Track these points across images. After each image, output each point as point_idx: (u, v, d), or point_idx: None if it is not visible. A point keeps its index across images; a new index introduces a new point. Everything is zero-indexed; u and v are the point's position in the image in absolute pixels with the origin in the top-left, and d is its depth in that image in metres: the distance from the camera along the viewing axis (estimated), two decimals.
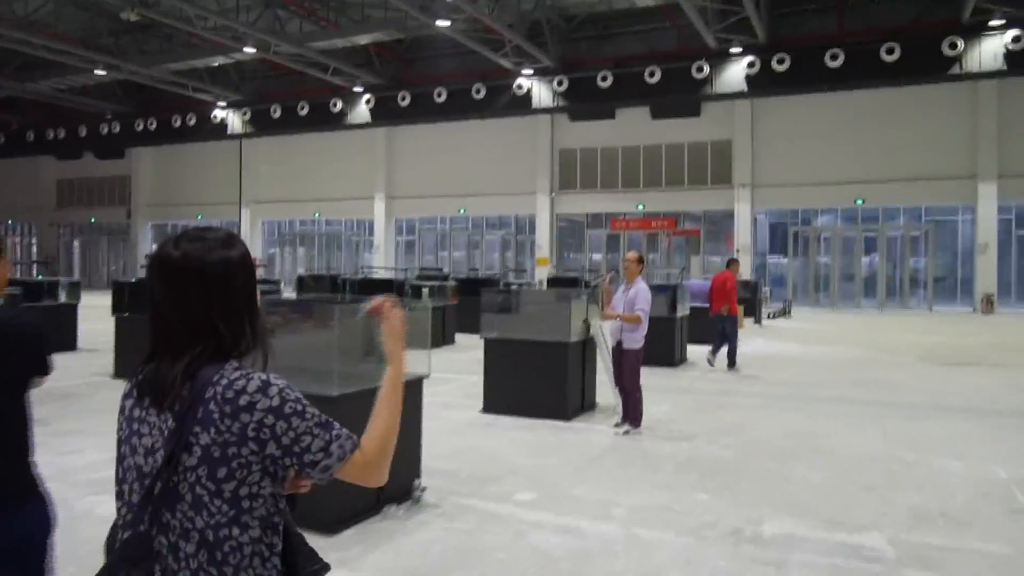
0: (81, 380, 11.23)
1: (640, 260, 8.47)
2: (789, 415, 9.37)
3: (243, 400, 1.53)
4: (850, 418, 9.20)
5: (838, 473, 6.81)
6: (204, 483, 1.52)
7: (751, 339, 16.85)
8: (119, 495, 1.64)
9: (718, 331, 13.30)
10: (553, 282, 20.29)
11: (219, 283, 1.62)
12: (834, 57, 24.03)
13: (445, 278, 20.07)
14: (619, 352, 8.34)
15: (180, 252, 1.62)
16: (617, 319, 8.19)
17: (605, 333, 9.35)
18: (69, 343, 14.32)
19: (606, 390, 9.36)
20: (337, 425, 1.64)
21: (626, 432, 8.22)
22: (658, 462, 7.13)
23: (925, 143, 26.71)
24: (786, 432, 8.40)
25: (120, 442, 1.66)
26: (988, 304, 26.05)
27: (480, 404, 9.32)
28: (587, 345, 9.36)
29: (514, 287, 17.96)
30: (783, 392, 11.00)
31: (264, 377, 1.58)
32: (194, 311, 1.61)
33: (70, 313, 14.78)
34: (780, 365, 13.78)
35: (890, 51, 23.36)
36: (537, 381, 8.93)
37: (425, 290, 15.60)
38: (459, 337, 15.94)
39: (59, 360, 3.07)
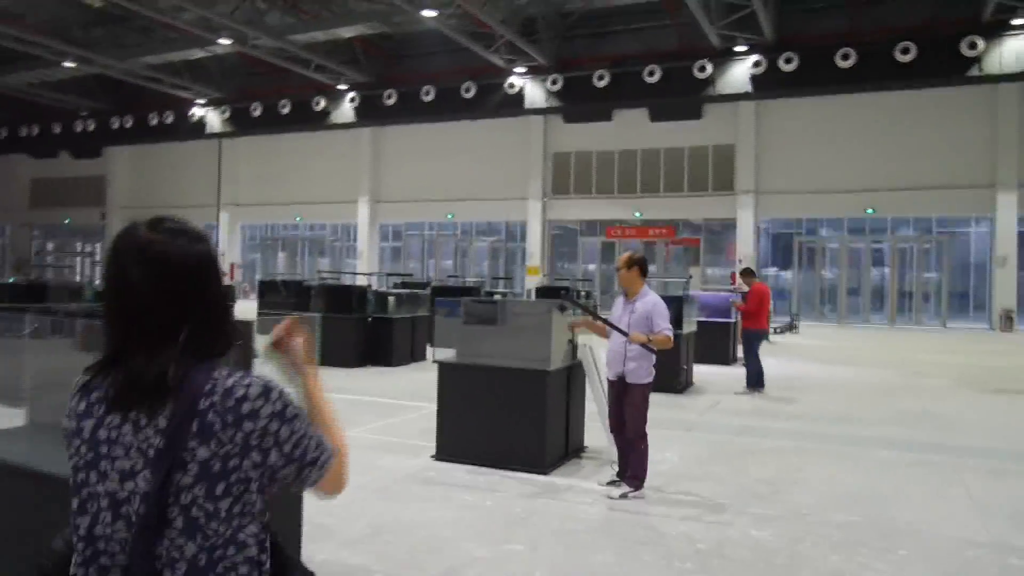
0: None
1: (636, 263, 6.07)
2: (836, 467, 7.00)
3: (246, 408, 1.41)
4: (917, 472, 6.84)
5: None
6: (201, 504, 1.38)
7: (762, 358, 14.48)
8: (75, 529, 1.43)
9: (753, 352, 10.97)
10: (542, 292, 17.86)
11: (202, 277, 1.48)
12: (845, 57, 21.88)
13: (424, 286, 17.72)
14: (619, 388, 5.97)
15: (161, 240, 1.44)
16: (625, 340, 5.79)
17: (598, 358, 7.00)
18: None
19: (598, 429, 7.01)
20: None
21: (624, 495, 5.84)
22: (672, 552, 4.76)
23: (940, 150, 24.42)
24: (841, 496, 6.04)
25: (77, 469, 1.44)
26: (1007, 321, 23.73)
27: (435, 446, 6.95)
28: (573, 373, 7.00)
29: (496, 297, 15.63)
30: (819, 431, 8.62)
31: (262, 380, 1.45)
32: (175, 306, 1.44)
33: None
34: (804, 391, 11.42)
35: (905, 51, 21.26)
36: (507, 420, 6.56)
37: (391, 299, 13.22)
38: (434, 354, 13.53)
39: None
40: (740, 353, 14.46)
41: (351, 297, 12.71)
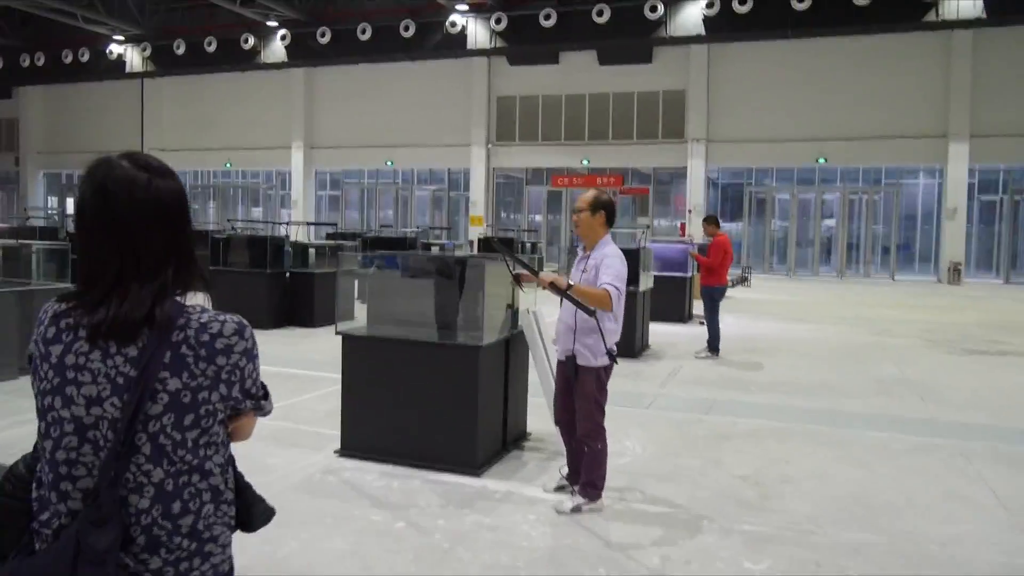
0: None
1: (603, 206, 4.62)
2: (826, 456, 5.75)
3: (220, 343, 1.43)
4: (921, 462, 5.63)
5: None
6: (169, 432, 1.40)
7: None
8: (42, 452, 1.45)
9: (713, 309, 9.69)
10: (485, 244, 16.28)
11: (184, 215, 1.50)
12: None
13: (354, 237, 16.03)
14: (569, 371, 4.55)
15: (147, 177, 1.45)
16: (575, 311, 4.36)
17: (544, 326, 5.59)
18: None
19: (543, 407, 5.64)
20: None
21: (577, 508, 4.48)
22: None
23: (893, 99, 23.36)
24: (843, 501, 4.77)
25: (43, 393, 1.43)
26: (955, 274, 23.07)
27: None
28: (512, 344, 5.58)
29: (434, 249, 14.09)
30: (795, 406, 7.38)
31: (235, 319, 1.47)
32: (164, 243, 1.45)
33: None
34: (767, 354, 10.22)
35: None
36: (429, 407, 5.13)
37: (311, 251, 11.56)
38: (362, 313, 11.97)
39: None
40: (697, 311, 13.29)
41: (266, 250, 11.01)
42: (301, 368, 8.55)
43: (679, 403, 7.36)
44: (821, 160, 24.26)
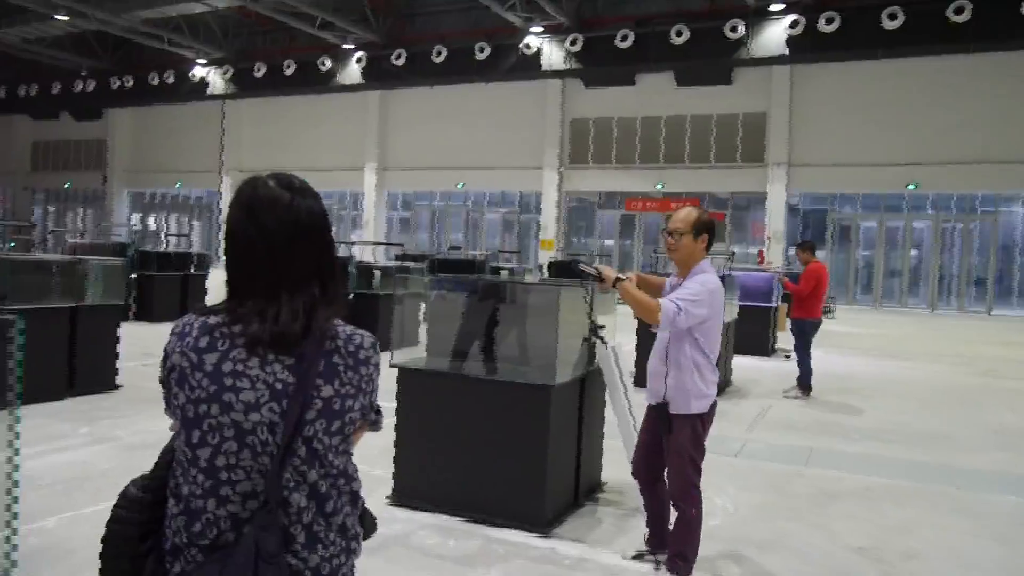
0: None
1: (705, 227, 3.83)
2: (956, 525, 4.86)
3: (363, 354, 1.52)
4: None
5: None
6: (320, 437, 1.45)
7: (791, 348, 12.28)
8: (194, 461, 1.44)
9: (804, 345, 8.82)
10: (556, 268, 15.56)
11: (327, 233, 1.56)
12: (892, 17, 19.49)
13: (422, 258, 15.57)
14: (656, 419, 3.84)
15: (293, 197, 1.52)
16: (666, 345, 3.68)
17: (620, 358, 4.88)
18: None
19: (619, 455, 4.92)
20: None
21: None
22: None
23: (990, 121, 21.83)
24: None
25: (196, 401, 1.44)
26: None
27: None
28: (588, 383, 4.88)
29: (503, 273, 13.48)
30: (907, 459, 6.45)
31: (370, 334, 1.57)
32: (311, 261, 1.51)
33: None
34: (864, 394, 9.24)
35: (959, 10, 18.88)
36: (492, 453, 4.48)
37: (376, 272, 11.06)
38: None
39: None
40: (781, 343, 12.35)
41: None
42: None
43: (772, 451, 6.52)
44: (912, 186, 22.84)
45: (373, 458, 5.67)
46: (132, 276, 12.13)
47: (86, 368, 7.39)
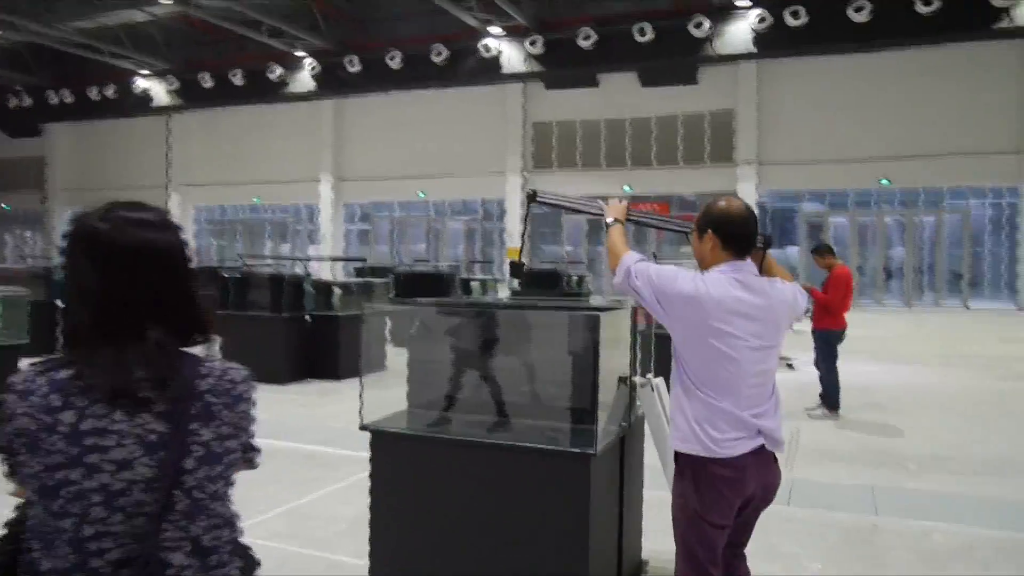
0: None
1: (710, 222, 2.78)
2: None
3: (238, 390, 1.39)
4: None
5: None
6: (202, 485, 1.31)
7: (796, 355, 11.16)
8: (56, 534, 1.27)
9: (830, 357, 7.68)
10: (530, 279, 14.20)
11: (173, 265, 1.39)
12: (859, 9, 18.78)
13: (385, 272, 14.18)
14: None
15: (113, 231, 1.34)
16: None
17: (663, 396, 3.62)
18: None
19: (654, 514, 3.64)
20: None
21: None
22: None
23: (960, 114, 21.21)
24: None
25: (52, 468, 1.26)
26: None
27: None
28: (628, 438, 3.62)
29: (479, 287, 12.14)
30: (994, 496, 5.32)
31: (240, 365, 1.44)
32: (143, 299, 1.35)
33: None
34: (893, 409, 8.15)
35: (927, 1, 18.17)
36: (509, 543, 3.18)
37: (336, 291, 9.71)
38: (396, 358, 10.01)
39: None
40: (794, 355, 11.25)
41: (282, 290, 9.19)
42: (318, 443, 6.64)
43: (830, 494, 5.33)
44: (884, 181, 22.11)
45: (340, 536, 4.34)
46: (60, 304, 10.56)
47: None
